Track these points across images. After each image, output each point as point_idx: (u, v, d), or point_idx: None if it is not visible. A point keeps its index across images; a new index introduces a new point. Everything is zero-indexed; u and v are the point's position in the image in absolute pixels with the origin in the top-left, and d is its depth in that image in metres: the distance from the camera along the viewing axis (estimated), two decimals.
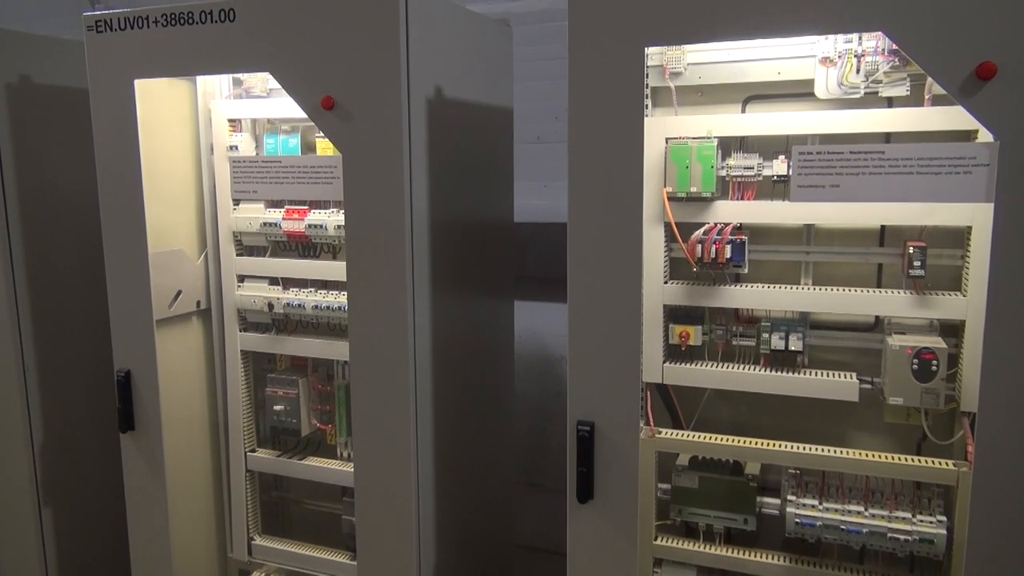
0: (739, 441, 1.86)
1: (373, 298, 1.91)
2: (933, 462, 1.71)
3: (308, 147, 2.27)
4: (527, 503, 3.10)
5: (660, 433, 1.91)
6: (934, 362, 1.68)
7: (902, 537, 1.73)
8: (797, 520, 1.80)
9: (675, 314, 1.94)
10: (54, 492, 2.53)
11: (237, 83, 2.32)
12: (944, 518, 1.73)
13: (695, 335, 1.91)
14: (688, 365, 1.92)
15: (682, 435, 1.93)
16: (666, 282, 1.91)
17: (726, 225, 1.83)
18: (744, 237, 1.82)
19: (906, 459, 1.73)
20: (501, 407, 2.58)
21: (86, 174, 2.17)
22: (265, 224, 2.25)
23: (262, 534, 2.46)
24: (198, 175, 2.33)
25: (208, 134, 2.30)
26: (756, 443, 1.84)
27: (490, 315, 2.47)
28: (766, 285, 1.87)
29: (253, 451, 2.42)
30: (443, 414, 2.07)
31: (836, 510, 1.79)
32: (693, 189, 1.81)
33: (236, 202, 2.30)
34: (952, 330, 1.76)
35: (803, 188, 1.53)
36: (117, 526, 2.33)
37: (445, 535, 2.12)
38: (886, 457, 1.74)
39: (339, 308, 2.18)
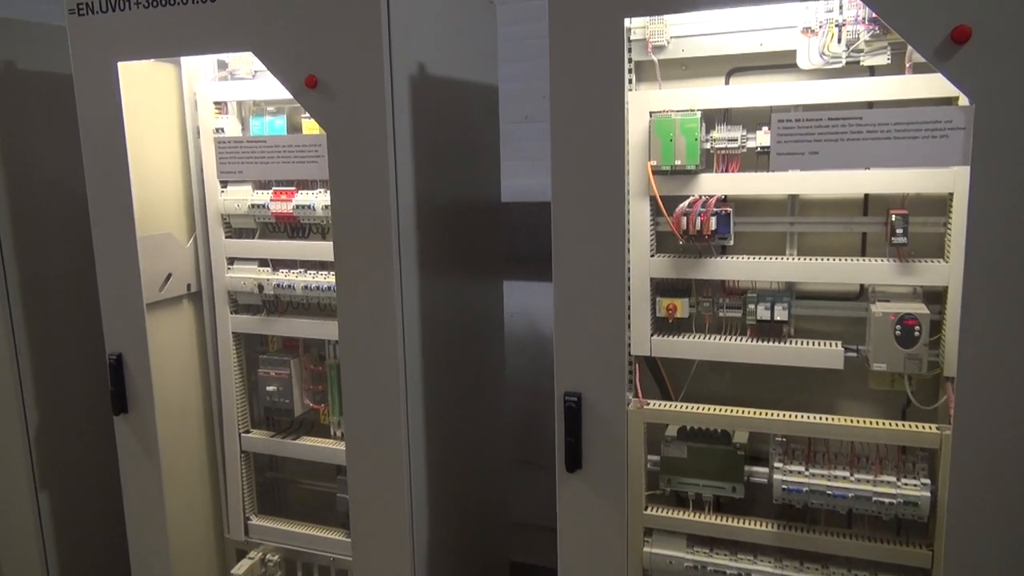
0: (727, 411, 1.88)
1: (361, 277, 1.92)
2: (917, 426, 1.73)
3: (294, 128, 2.27)
4: (520, 480, 3.12)
5: (648, 404, 1.93)
6: (917, 328, 1.69)
7: (887, 500, 1.75)
8: (784, 487, 1.83)
9: (662, 287, 1.95)
10: (50, 475, 2.55)
11: (222, 65, 2.32)
12: (928, 481, 1.75)
13: (682, 307, 1.92)
14: (675, 337, 1.93)
15: (670, 406, 1.94)
16: (652, 255, 1.92)
17: (711, 197, 1.84)
18: (729, 209, 1.83)
19: (891, 424, 1.76)
20: (493, 386, 2.59)
21: (73, 159, 2.17)
22: (253, 206, 2.26)
23: (258, 514, 2.49)
24: (185, 158, 2.34)
25: (194, 117, 2.30)
26: (743, 412, 1.86)
27: (479, 294, 2.49)
28: (752, 256, 1.88)
29: (247, 432, 2.44)
30: (433, 392, 2.09)
31: (822, 476, 1.81)
32: (677, 162, 1.82)
33: (224, 184, 2.31)
34: (936, 297, 1.78)
35: (783, 156, 1.54)
36: (114, 508, 2.35)
37: (438, 511, 2.14)
38: (871, 423, 1.76)
39: (329, 288, 2.19)
